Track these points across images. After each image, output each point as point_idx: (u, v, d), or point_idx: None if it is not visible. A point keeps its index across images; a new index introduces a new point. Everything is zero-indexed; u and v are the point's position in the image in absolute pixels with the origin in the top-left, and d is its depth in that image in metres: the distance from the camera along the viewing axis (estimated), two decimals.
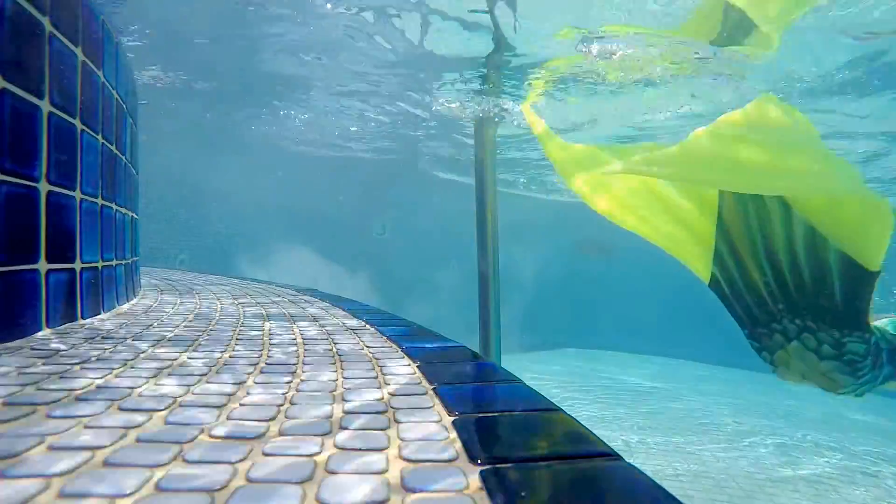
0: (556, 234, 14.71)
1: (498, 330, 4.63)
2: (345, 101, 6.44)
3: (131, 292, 1.80)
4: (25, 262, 1.05)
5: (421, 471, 0.49)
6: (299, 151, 10.01)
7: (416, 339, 1.16)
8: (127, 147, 1.74)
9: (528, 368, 9.32)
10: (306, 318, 1.47)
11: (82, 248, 1.29)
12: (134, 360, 0.90)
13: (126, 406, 0.66)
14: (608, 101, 5.44)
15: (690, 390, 8.31)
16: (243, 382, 0.78)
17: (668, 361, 11.18)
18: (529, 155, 9.10)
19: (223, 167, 10.24)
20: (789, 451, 5.34)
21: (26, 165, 1.04)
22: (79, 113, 1.26)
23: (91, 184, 1.35)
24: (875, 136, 6.22)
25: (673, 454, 5.08)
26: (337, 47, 4.53)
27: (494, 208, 4.47)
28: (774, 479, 4.53)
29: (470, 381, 0.82)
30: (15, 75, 1.00)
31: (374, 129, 8.00)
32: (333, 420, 0.63)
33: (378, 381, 0.81)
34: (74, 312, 1.26)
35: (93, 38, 1.35)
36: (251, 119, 8.02)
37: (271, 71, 5.44)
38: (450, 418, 0.64)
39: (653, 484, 0.47)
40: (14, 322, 1.02)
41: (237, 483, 0.46)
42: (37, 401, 0.67)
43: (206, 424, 0.60)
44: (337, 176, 11.47)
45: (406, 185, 12.05)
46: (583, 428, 0.60)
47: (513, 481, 0.47)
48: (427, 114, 6.62)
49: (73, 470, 0.47)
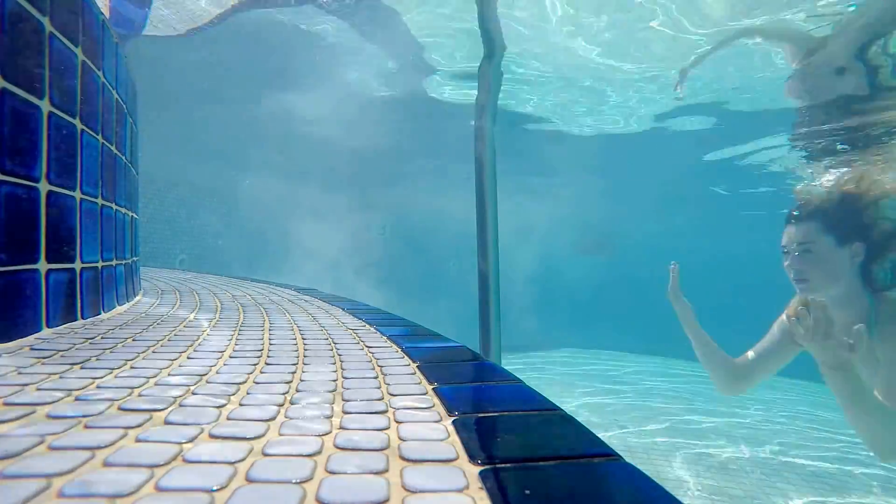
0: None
1: (498, 330, 4.63)
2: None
3: (131, 292, 1.80)
4: (25, 261, 1.05)
5: (420, 471, 0.49)
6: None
7: (416, 339, 1.16)
8: (127, 147, 1.74)
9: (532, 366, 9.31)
10: (306, 318, 1.47)
11: (82, 247, 1.29)
12: (134, 360, 0.90)
13: (126, 406, 0.66)
14: None
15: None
16: (243, 383, 0.78)
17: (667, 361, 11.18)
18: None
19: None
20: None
21: (26, 165, 1.04)
22: (79, 113, 1.26)
23: (91, 183, 1.35)
24: None
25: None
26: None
27: (494, 207, 4.47)
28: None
29: (470, 381, 0.82)
30: (15, 75, 1.00)
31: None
32: (333, 420, 0.63)
33: (378, 381, 0.81)
34: (74, 312, 1.26)
35: (93, 38, 1.35)
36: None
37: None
38: (450, 418, 0.64)
39: (653, 484, 0.47)
40: (14, 322, 1.02)
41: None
42: (37, 401, 0.67)
43: (206, 425, 0.60)
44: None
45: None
46: (583, 428, 0.60)
47: (513, 481, 0.47)
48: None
49: (73, 470, 0.47)
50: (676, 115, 6.85)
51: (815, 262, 2.40)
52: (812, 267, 2.41)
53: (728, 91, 5.75)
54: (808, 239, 2.42)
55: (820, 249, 2.39)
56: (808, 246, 2.42)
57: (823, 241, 2.39)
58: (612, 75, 5.42)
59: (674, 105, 6.42)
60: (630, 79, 5.53)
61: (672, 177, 10.92)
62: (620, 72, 5.30)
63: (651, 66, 5.11)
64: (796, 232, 2.47)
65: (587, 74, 5.49)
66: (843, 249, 2.38)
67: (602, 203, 14.24)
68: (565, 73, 5.51)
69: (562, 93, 6.22)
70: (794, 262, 2.46)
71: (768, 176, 10.26)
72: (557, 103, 6.64)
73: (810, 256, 2.41)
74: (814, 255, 2.40)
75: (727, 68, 4.93)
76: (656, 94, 6.06)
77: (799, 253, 2.44)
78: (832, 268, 2.39)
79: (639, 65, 5.08)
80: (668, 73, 5.24)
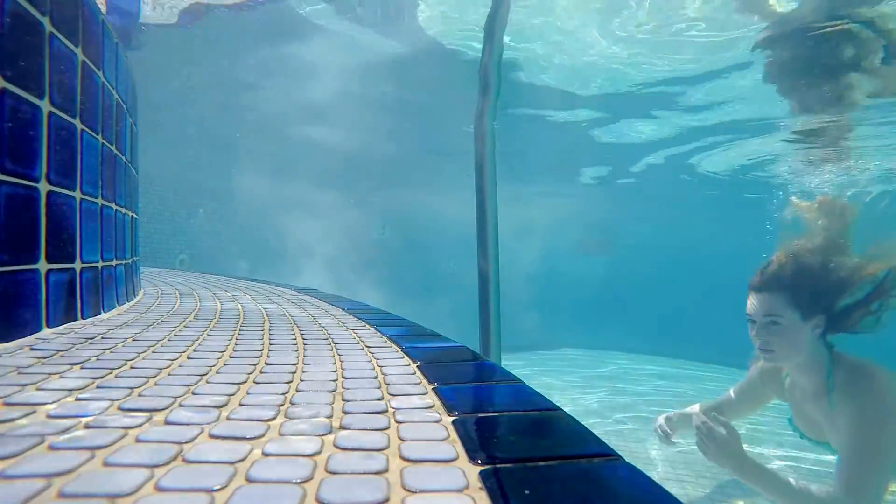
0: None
1: (498, 330, 4.63)
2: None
3: (131, 292, 1.80)
4: (25, 261, 1.05)
5: (420, 470, 0.49)
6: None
7: (416, 339, 1.16)
8: (127, 147, 1.74)
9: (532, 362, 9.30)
10: (305, 318, 1.47)
11: (82, 247, 1.29)
12: (134, 360, 0.90)
13: (126, 406, 0.66)
14: None
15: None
16: (243, 383, 0.78)
17: (671, 361, 11.16)
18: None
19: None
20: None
21: (26, 165, 1.04)
22: (79, 113, 1.26)
23: (91, 184, 1.35)
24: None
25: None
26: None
27: (494, 206, 4.46)
28: None
29: (470, 381, 0.82)
30: (15, 75, 1.00)
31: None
32: (333, 420, 0.63)
33: (378, 381, 0.81)
34: (75, 312, 1.26)
35: (93, 38, 1.35)
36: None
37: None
38: (449, 418, 0.64)
39: (653, 484, 0.47)
40: (14, 322, 1.02)
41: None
42: (37, 401, 0.67)
43: (206, 425, 0.60)
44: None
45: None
46: (583, 427, 0.60)
47: (513, 481, 0.47)
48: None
49: (73, 470, 0.47)
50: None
51: (781, 334, 2.43)
52: (778, 338, 2.44)
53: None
54: (774, 312, 2.44)
55: (786, 322, 2.42)
56: (775, 318, 2.44)
57: (789, 314, 2.43)
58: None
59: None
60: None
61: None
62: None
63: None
64: (761, 303, 2.48)
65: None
66: (806, 323, 2.43)
67: (603, 203, 14.26)
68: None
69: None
70: (760, 333, 2.48)
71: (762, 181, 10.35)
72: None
73: (776, 328, 2.44)
74: (780, 327, 2.43)
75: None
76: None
77: (765, 324, 2.46)
78: (797, 339, 2.43)
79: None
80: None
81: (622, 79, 6.14)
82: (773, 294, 2.45)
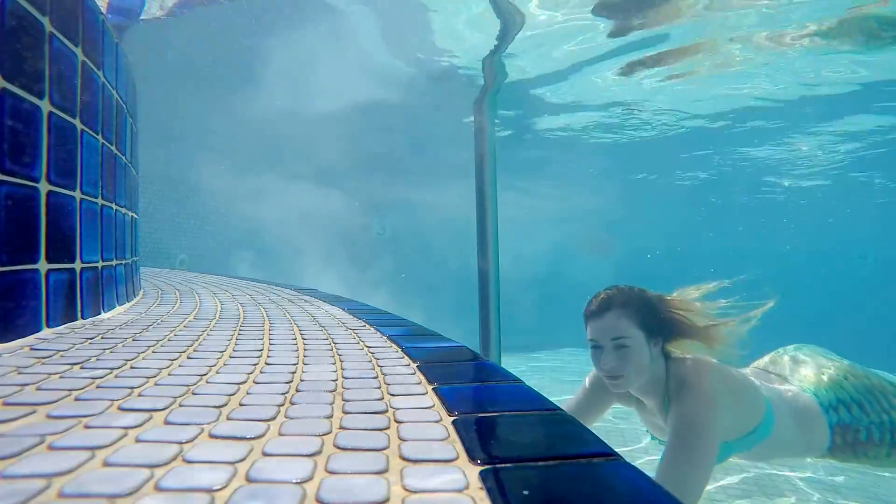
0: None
1: (498, 330, 4.64)
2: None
3: (132, 292, 1.80)
4: (25, 261, 1.05)
5: (420, 470, 0.49)
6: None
7: (416, 339, 1.16)
8: (127, 147, 1.74)
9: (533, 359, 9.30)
10: (305, 318, 1.47)
11: (82, 247, 1.29)
12: (134, 360, 0.90)
13: (126, 406, 0.66)
14: None
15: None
16: (243, 383, 0.78)
17: None
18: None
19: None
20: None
21: (26, 165, 1.04)
22: (79, 113, 1.26)
23: (91, 184, 1.35)
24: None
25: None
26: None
27: (494, 206, 4.47)
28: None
29: (470, 381, 0.82)
30: (15, 75, 1.00)
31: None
32: (333, 419, 0.63)
33: (378, 381, 0.81)
34: (74, 312, 1.26)
35: (93, 38, 1.35)
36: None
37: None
38: (449, 418, 0.64)
39: (653, 484, 0.47)
40: (14, 322, 1.02)
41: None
42: (37, 401, 0.67)
43: (206, 425, 0.60)
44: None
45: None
46: (583, 427, 0.60)
47: (513, 481, 0.47)
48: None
49: (73, 470, 0.47)
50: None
51: (629, 357, 2.35)
52: (627, 362, 2.35)
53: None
54: (622, 333, 2.36)
55: (633, 343, 2.35)
56: (623, 340, 2.36)
57: (635, 333, 2.37)
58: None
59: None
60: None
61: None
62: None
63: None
64: (607, 326, 2.40)
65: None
66: (649, 341, 2.39)
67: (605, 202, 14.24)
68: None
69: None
70: (608, 359, 2.37)
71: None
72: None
73: (625, 351, 2.35)
74: (628, 349, 2.35)
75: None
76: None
77: (614, 347, 2.37)
78: (642, 359, 2.37)
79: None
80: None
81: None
82: (617, 315, 2.39)
